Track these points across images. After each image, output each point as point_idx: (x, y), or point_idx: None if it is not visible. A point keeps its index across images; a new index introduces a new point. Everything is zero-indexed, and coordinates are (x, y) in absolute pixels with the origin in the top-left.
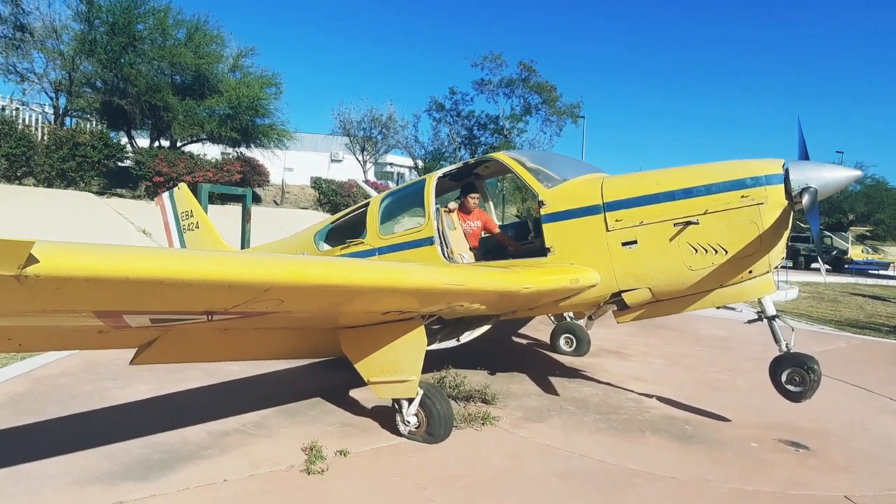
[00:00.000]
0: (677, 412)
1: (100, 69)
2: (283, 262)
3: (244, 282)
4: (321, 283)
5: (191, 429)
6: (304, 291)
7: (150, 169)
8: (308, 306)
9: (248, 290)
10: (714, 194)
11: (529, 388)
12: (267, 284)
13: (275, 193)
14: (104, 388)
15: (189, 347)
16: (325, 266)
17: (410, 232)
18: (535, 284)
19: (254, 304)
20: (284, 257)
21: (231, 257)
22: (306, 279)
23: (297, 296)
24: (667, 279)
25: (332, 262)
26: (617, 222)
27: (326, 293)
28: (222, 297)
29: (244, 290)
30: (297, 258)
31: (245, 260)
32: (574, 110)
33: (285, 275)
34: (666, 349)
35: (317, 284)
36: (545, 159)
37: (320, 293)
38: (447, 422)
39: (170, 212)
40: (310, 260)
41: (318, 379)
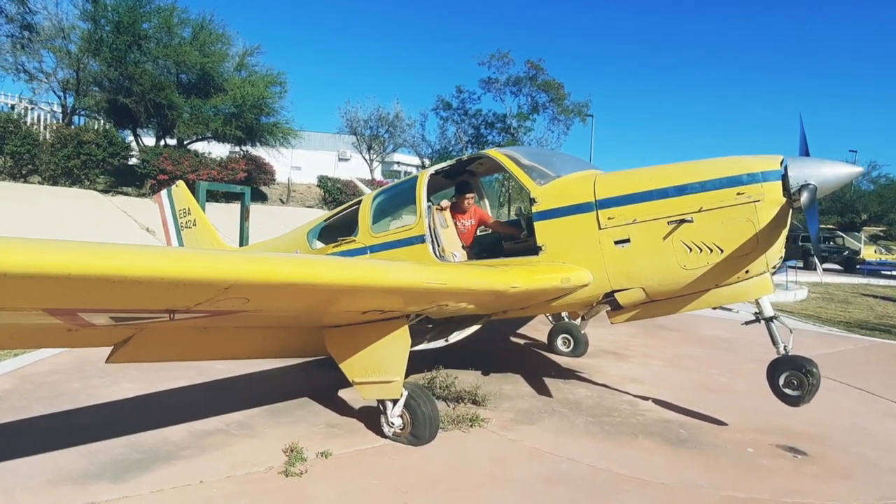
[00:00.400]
0: (673, 415)
1: (105, 68)
2: (245, 259)
3: (201, 279)
4: (288, 281)
5: (173, 428)
6: (271, 290)
7: (155, 167)
8: (279, 305)
9: (207, 288)
10: (709, 191)
11: (522, 390)
12: (227, 282)
13: (281, 192)
14: (92, 387)
15: (166, 346)
16: (293, 264)
17: (401, 230)
18: (524, 284)
19: (217, 302)
20: (248, 254)
21: (187, 254)
22: (271, 277)
23: (263, 295)
24: (661, 279)
25: (301, 260)
26: (609, 220)
27: (295, 292)
28: (179, 295)
29: (202, 289)
30: (262, 255)
31: (202, 257)
32: (582, 109)
33: (248, 273)
34: (665, 350)
35: (283, 283)
36: (540, 156)
37: (289, 292)
38: (432, 423)
39: (168, 210)
40: (276, 257)
41: (308, 378)
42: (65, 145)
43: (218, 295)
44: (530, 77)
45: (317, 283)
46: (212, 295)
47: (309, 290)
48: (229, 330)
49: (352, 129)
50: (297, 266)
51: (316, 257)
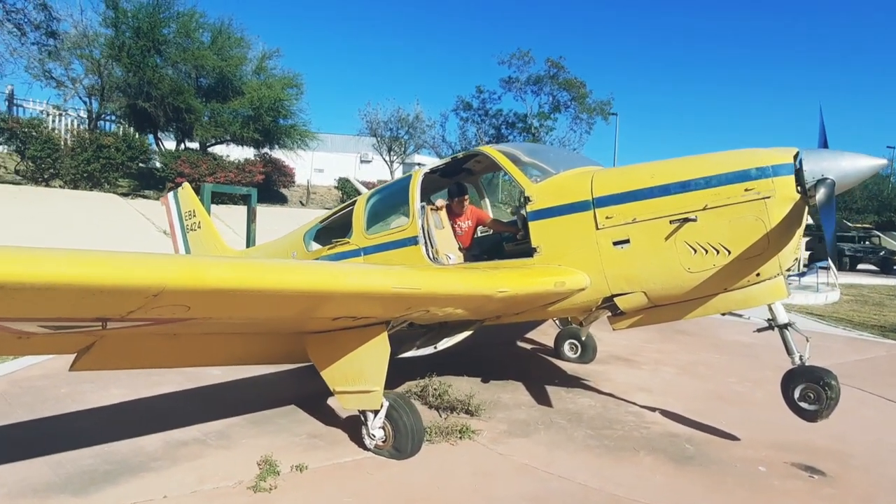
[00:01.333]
0: (680, 428)
1: (125, 73)
2: (174, 264)
3: (122, 286)
4: (224, 287)
5: (148, 437)
6: (209, 297)
7: (173, 170)
8: (229, 313)
9: (133, 295)
10: (714, 188)
11: (521, 399)
12: (154, 289)
13: (301, 194)
14: (79, 392)
15: (133, 353)
16: (229, 268)
17: (395, 231)
18: (512, 288)
19: (153, 310)
20: (180, 258)
21: (105, 259)
22: (204, 283)
23: (203, 302)
24: (663, 282)
25: (240, 264)
26: (607, 219)
27: (239, 299)
28: (102, 302)
29: (127, 296)
30: (197, 259)
31: (124, 262)
32: (604, 107)
33: (176, 279)
34: (680, 356)
35: (219, 289)
36: (537, 153)
37: (230, 299)
38: (416, 436)
39: (174, 212)
40: (209, 261)
41: (299, 384)
42: (84, 149)
43: (149, 302)
44: (551, 76)
45: (258, 288)
46: (141, 302)
47: (253, 297)
48: (203, 336)
49: (372, 130)
50: (233, 271)
51: (267, 261)
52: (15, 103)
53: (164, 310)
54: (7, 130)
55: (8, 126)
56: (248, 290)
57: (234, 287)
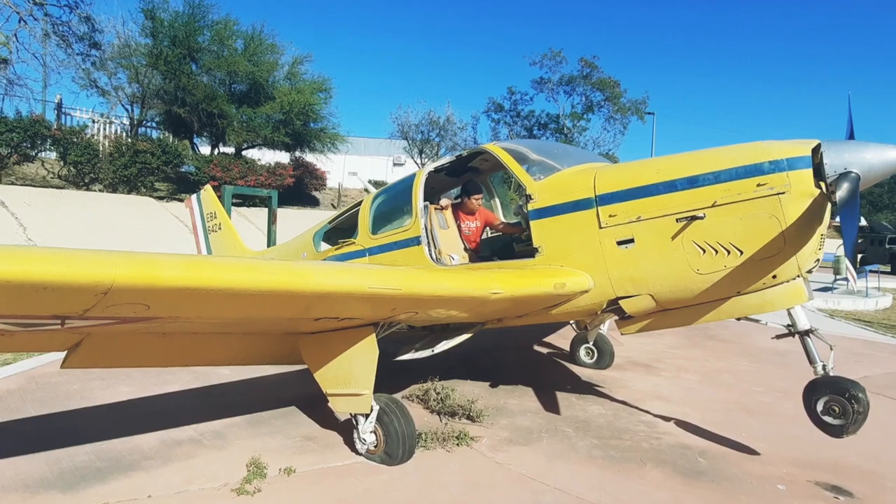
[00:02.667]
0: (695, 440)
1: (162, 80)
2: (123, 260)
3: (63, 283)
4: (180, 285)
5: (145, 436)
6: (168, 296)
7: (206, 174)
8: (196, 313)
9: (79, 292)
10: (723, 183)
11: (528, 405)
12: (102, 286)
13: (333, 197)
14: (89, 389)
15: (122, 351)
16: (182, 266)
17: (398, 231)
18: (507, 289)
19: (110, 308)
20: (131, 255)
21: (46, 255)
22: (158, 281)
23: (163, 300)
24: (671, 284)
25: (199, 263)
26: (611, 218)
27: (201, 298)
28: (49, 300)
29: (74, 293)
30: (151, 256)
31: (65, 258)
32: (640, 107)
33: (126, 276)
34: (706, 363)
35: (176, 287)
36: (543, 150)
37: (191, 298)
38: (407, 441)
39: (197, 214)
40: (167, 259)
41: (302, 385)
42: (122, 154)
43: (101, 300)
44: (584, 75)
45: (213, 287)
46: (92, 300)
47: (212, 297)
48: (195, 336)
49: (403, 133)
50: (185, 269)
51: (223, 259)
52: (64, 112)
53: (123, 308)
54: (50, 137)
55: (51, 133)
56: (203, 289)
57: (187, 286)
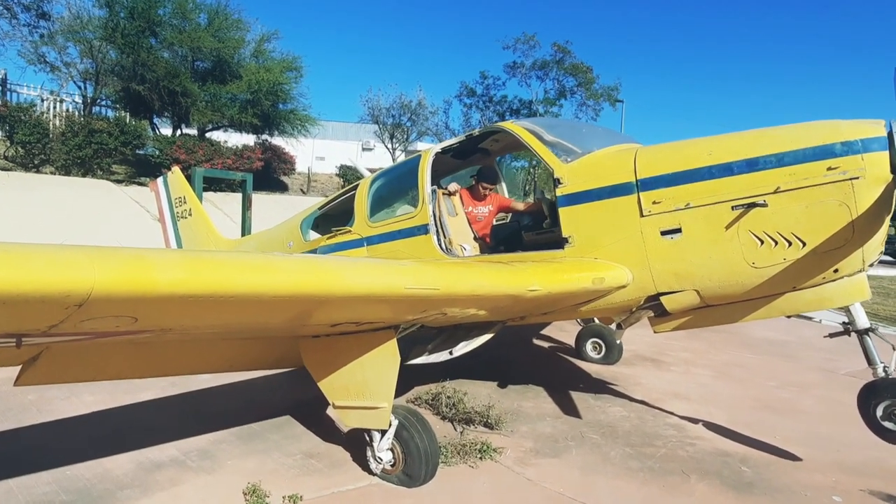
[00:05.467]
0: (731, 445)
1: (119, 55)
2: (106, 261)
3: (16, 294)
4: (185, 292)
5: (118, 458)
6: (166, 305)
7: (169, 156)
8: (195, 323)
9: (40, 305)
10: (788, 166)
11: (545, 408)
12: (76, 297)
13: (302, 182)
14: (47, 399)
15: (92, 364)
16: (193, 267)
17: (402, 218)
18: (544, 286)
19: (85, 323)
20: (114, 253)
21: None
22: (154, 288)
23: (158, 311)
24: (721, 279)
25: (209, 261)
26: (655, 205)
27: (208, 306)
28: (2, 315)
29: (31, 307)
30: (142, 253)
31: (20, 259)
32: (612, 93)
33: (110, 283)
34: (712, 356)
35: (179, 295)
36: (566, 128)
37: (195, 307)
38: (430, 460)
39: (164, 198)
40: (163, 257)
41: (295, 391)
42: (76, 134)
43: (72, 314)
44: (557, 60)
45: (228, 293)
46: (60, 314)
47: (223, 304)
48: (175, 343)
49: (374, 117)
50: (192, 271)
51: (237, 257)
52: (9, 88)
53: (101, 322)
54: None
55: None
56: (208, 296)
57: (189, 292)
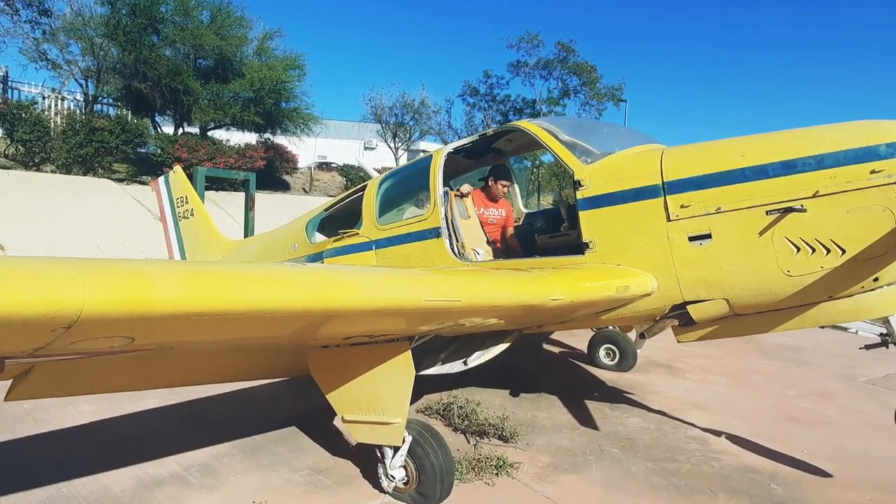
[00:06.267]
0: (757, 460)
1: (121, 52)
2: (96, 276)
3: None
4: (186, 311)
5: (116, 474)
6: (165, 324)
7: (171, 155)
8: (196, 339)
9: (22, 328)
10: (829, 169)
11: (560, 418)
12: (63, 318)
13: (304, 181)
14: (43, 408)
15: (87, 377)
16: (195, 282)
17: (412, 221)
18: (567, 294)
19: (72, 345)
20: (108, 266)
21: None
22: (152, 307)
23: (156, 330)
24: (753, 287)
25: (211, 274)
26: (683, 209)
27: (211, 323)
28: None
29: (11, 330)
30: (138, 266)
31: (11, 274)
32: (616, 92)
33: (102, 302)
34: (727, 363)
35: (180, 313)
36: (585, 128)
37: (197, 324)
38: (445, 478)
39: (165, 198)
40: (160, 271)
41: (299, 400)
42: (77, 132)
43: (60, 336)
44: (561, 60)
45: (233, 311)
46: (46, 337)
47: (226, 321)
48: (175, 354)
49: (376, 116)
50: (194, 286)
51: (241, 268)
52: (10, 86)
53: (94, 343)
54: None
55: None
56: (213, 313)
57: (192, 310)
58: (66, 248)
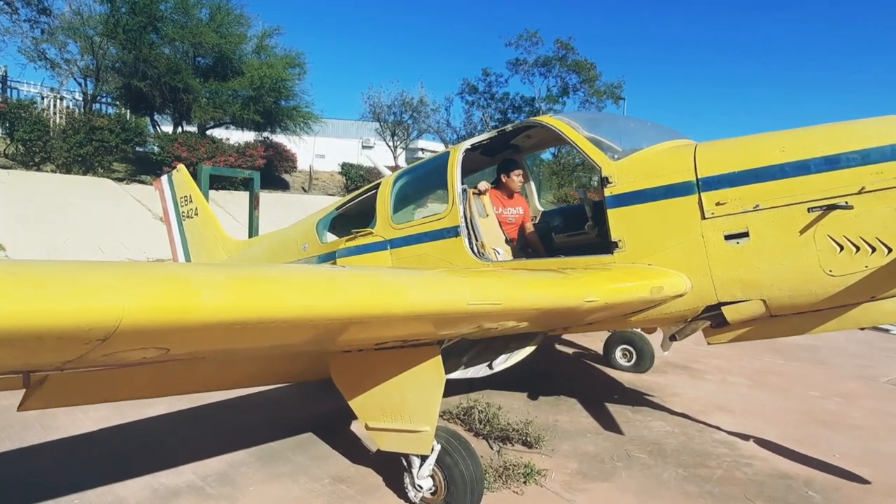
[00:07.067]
0: (790, 465)
1: (120, 51)
2: (138, 285)
3: (27, 331)
4: (231, 319)
5: (132, 484)
6: (204, 334)
7: (170, 154)
8: (230, 346)
9: (56, 342)
10: (875, 164)
11: (583, 422)
12: (100, 331)
13: (303, 180)
14: (50, 414)
15: (101, 386)
16: (239, 289)
17: (430, 220)
18: (602, 296)
19: (100, 357)
20: (146, 272)
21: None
22: (194, 316)
23: (194, 339)
24: (792, 288)
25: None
26: (718, 206)
27: (253, 331)
28: (9, 353)
29: (43, 344)
30: (178, 272)
31: (24, 284)
32: (615, 90)
33: (143, 311)
34: (744, 363)
35: (224, 322)
36: (608, 123)
37: (241, 333)
38: (475, 488)
39: (168, 197)
40: (203, 276)
41: (313, 404)
42: (76, 132)
43: (93, 349)
44: (560, 57)
45: (276, 317)
46: (79, 349)
47: (270, 329)
48: (195, 361)
49: (375, 115)
50: (235, 292)
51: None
52: (9, 85)
53: (128, 354)
54: None
55: None
56: (264, 321)
57: (243, 319)
58: (67, 249)
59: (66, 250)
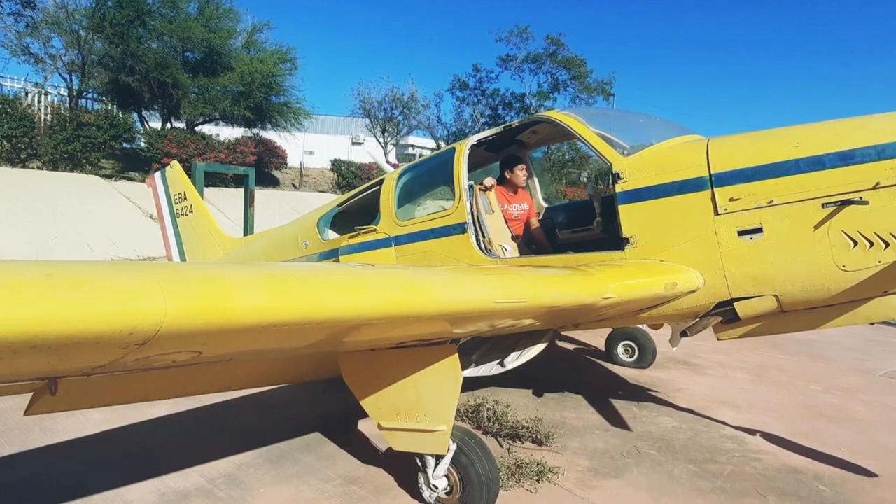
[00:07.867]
0: (798, 460)
1: (107, 45)
2: (177, 288)
3: (66, 337)
4: (271, 321)
5: (139, 487)
6: (240, 336)
7: (160, 150)
8: (258, 347)
9: (93, 347)
10: (890, 159)
11: (590, 418)
12: (139, 335)
13: (293, 176)
14: (49, 417)
15: (112, 388)
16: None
17: (436, 216)
18: (619, 293)
19: (133, 362)
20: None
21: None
22: (234, 319)
23: (228, 341)
24: (804, 283)
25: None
26: (732, 202)
27: (288, 332)
28: (40, 360)
29: (80, 349)
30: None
31: (60, 285)
32: (605, 86)
33: (184, 314)
34: (744, 358)
35: (261, 324)
36: (616, 118)
37: (276, 334)
38: (491, 487)
39: (162, 194)
40: (239, 276)
41: (319, 403)
42: (63, 128)
43: (129, 353)
44: (550, 53)
45: (313, 318)
46: (115, 353)
47: (306, 329)
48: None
49: (365, 111)
50: (274, 293)
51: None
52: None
53: (162, 358)
54: None
55: None
56: (301, 322)
57: (281, 320)
58: (56, 247)
59: (54, 248)
